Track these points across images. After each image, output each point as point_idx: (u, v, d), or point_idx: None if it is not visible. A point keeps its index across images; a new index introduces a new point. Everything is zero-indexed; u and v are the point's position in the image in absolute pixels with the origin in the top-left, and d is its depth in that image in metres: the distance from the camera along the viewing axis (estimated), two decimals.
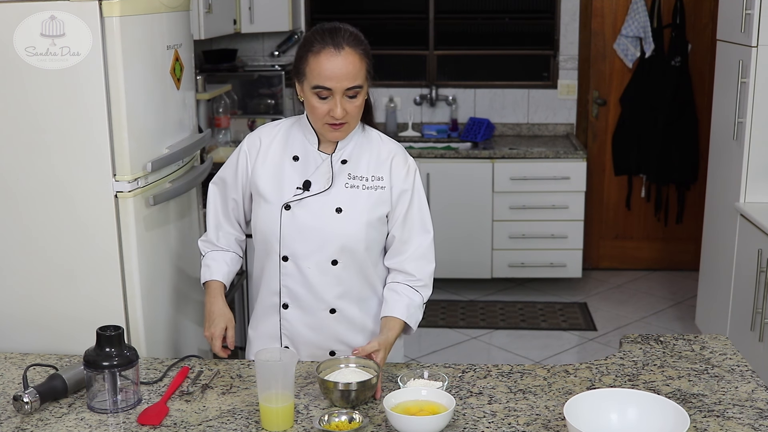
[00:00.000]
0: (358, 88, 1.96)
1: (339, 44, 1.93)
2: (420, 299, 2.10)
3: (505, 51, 5.45)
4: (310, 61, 1.95)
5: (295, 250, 2.05)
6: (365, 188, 2.05)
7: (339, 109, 1.94)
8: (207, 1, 3.92)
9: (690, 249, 5.33)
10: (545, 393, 1.88)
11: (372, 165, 2.07)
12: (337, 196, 2.04)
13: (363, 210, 2.04)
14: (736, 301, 3.75)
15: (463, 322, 4.69)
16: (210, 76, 4.68)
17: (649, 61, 5.17)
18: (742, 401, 1.82)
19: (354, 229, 2.03)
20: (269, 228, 2.06)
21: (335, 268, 2.05)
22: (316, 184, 2.04)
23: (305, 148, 2.08)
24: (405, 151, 2.14)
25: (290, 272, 2.07)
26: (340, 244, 2.04)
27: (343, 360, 1.90)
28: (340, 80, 1.93)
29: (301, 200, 2.03)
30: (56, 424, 1.75)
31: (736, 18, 3.72)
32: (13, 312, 2.25)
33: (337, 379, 1.81)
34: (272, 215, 2.05)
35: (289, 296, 2.09)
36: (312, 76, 1.95)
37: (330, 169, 2.05)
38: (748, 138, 3.68)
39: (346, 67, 1.93)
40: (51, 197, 2.18)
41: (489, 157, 4.89)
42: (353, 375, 1.85)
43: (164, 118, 2.44)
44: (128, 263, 2.24)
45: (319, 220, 2.03)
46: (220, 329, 2.07)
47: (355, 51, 1.95)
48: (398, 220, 2.08)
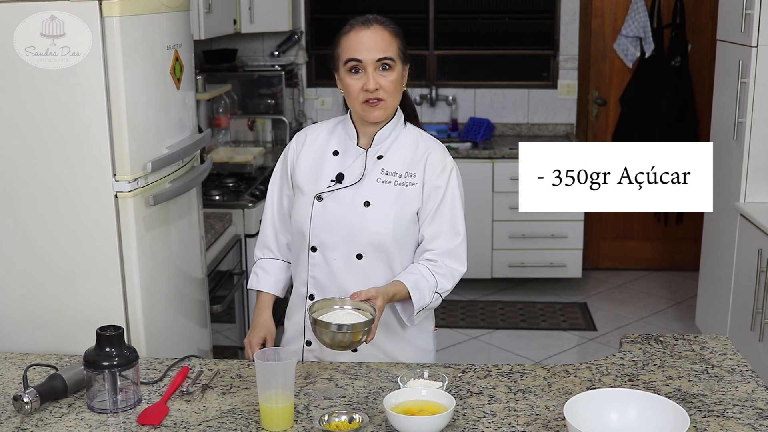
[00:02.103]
0: (389, 60, 2.00)
1: (368, 21, 2.02)
2: (434, 282, 2.04)
3: (505, 51, 5.45)
4: (342, 41, 2.03)
5: (323, 241, 2.07)
6: (397, 184, 2.05)
7: (372, 81, 1.97)
8: (207, 1, 3.91)
9: (690, 249, 5.33)
10: (545, 393, 1.88)
11: (407, 161, 2.07)
12: (367, 189, 2.05)
13: (391, 205, 2.04)
14: (736, 301, 3.75)
15: (463, 322, 4.69)
16: (210, 76, 4.68)
17: (649, 61, 5.17)
18: (742, 401, 1.82)
19: (381, 223, 2.03)
20: (302, 218, 2.09)
21: (360, 262, 2.05)
22: (348, 176, 2.07)
23: (345, 143, 2.12)
24: (445, 150, 2.13)
25: (318, 263, 2.08)
26: (366, 238, 2.04)
27: (338, 301, 1.91)
28: (369, 51, 1.98)
29: (332, 192, 2.06)
30: (56, 424, 1.75)
31: (736, 18, 3.72)
32: (13, 312, 2.25)
33: (330, 320, 1.81)
34: (306, 206, 2.08)
35: (315, 287, 2.10)
36: (344, 52, 2.01)
37: (364, 163, 2.07)
38: (748, 138, 3.68)
39: (375, 39, 1.99)
40: (51, 197, 2.18)
41: (489, 157, 4.89)
42: (348, 317, 1.84)
43: (164, 118, 2.44)
44: (128, 263, 2.24)
45: (347, 212, 2.04)
46: (258, 338, 2.13)
47: (384, 27, 2.02)
48: (428, 216, 2.07)
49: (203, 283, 2.84)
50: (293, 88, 5.26)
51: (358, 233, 2.04)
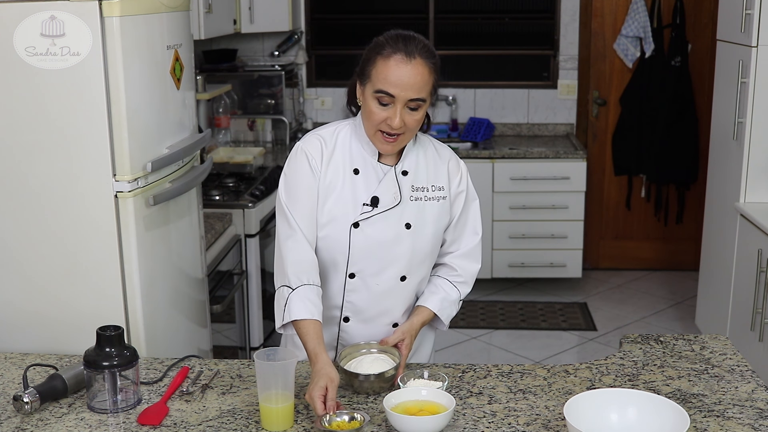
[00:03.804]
0: (421, 102, 1.87)
1: (411, 53, 1.84)
2: (457, 295, 2.08)
3: (505, 51, 5.45)
4: (378, 64, 1.86)
5: (363, 268, 1.98)
6: (428, 199, 2.01)
7: (397, 120, 1.85)
8: (207, 1, 3.91)
9: (690, 249, 5.33)
10: (545, 393, 1.88)
11: (431, 174, 2.02)
12: (406, 210, 1.98)
13: (430, 222, 2.01)
14: (736, 301, 3.75)
15: (463, 322, 4.69)
16: (210, 76, 4.68)
17: (649, 61, 5.17)
18: (742, 401, 1.82)
19: (423, 243, 2.00)
20: (336, 246, 1.97)
21: (404, 283, 2.02)
22: (383, 199, 1.96)
23: (365, 159, 1.98)
24: (457, 155, 2.10)
25: (356, 288, 2.01)
26: (409, 260, 2.00)
27: (364, 346, 1.92)
28: (405, 89, 1.84)
29: (369, 218, 1.96)
30: (56, 424, 1.75)
31: (736, 18, 3.72)
32: (13, 312, 2.25)
33: (357, 368, 1.85)
34: (340, 233, 1.96)
35: (352, 311, 2.04)
36: (377, 79, 1.86)
37: (396, 183, 1.97)
38: (748, 138, 3.68)
39: (414, 77, 1.84)
40: (51, 197, 2.18)
41: (489, 157, 4.89)
42: (374, 364, 1.88)
43: (164, 118, 2.44)
44: (128, 263, 2.24)
45: (389, 237, 1.97)
46: (320, 390, 1.74)
47: (426, 63, 1.86)
48: (452, 222, 2.06)
49: (203, 283, 2.84)
50: (293, 88, 5.26)
51: (401, 257, 1.99)
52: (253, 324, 3.78)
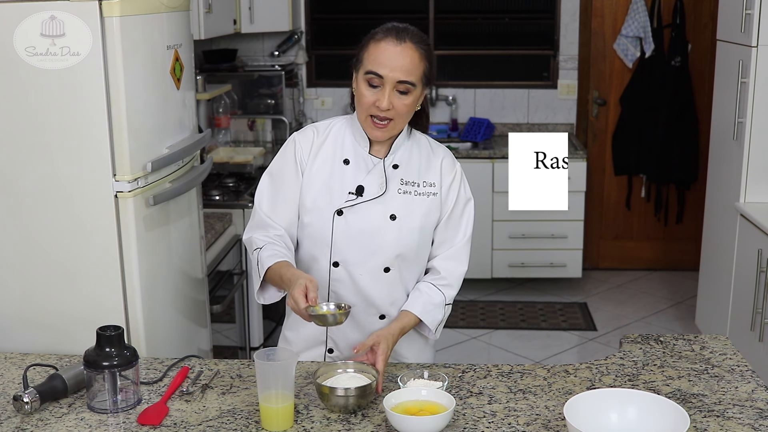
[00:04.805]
0: (410, 85, 1.91)
1: (402, 37, 1.92)
2: (441, 298, 2.06)
3: (505, 51, 5.45)
4: (370, 47, 1.94)
5: (346, 257, 2.00)
6: (417, 194, 2.02)
7: (386, 101, 1.90)
8: (207, 1, 3.92)
9: (690, 249, 5.33)
10: (545, 393, 1.88)
11: (423, 170, 2.04)
12: (391, 202, 2.00)
13: (416, 216, 2.01)
14: (736, 301, 3.75)
15: (463, 322, 4.69)
16: (210, 76, 4.68)
17: (649, 61, 5.17)
18: (742, 401, 1.82)
19: (408, 236, 2.01)
20: (319, 233, 2.00)
21: (388, 275, 2.03)
22: (369, 189, 1.99)
23: (356, 151, 2.03)
24: (452, 155, 2.11)
25: (341, 278, 2.02)
26: (393, 251, 2.00)
27: (341, 365, 1.88)
28: (394, 70, 1.89)
29: (354, 206, 1.99)
30: (56, 424, 1.75)
31: (736, 18, 3.72)
32: (13, 312, 2.25)
33: (335, 385, 1.79)
34: (323, 220, 2.00)
35: (337, 301, 2.03)
36: (368, 61, 1.92)
37: (383, 174, 2.01)
38: (748, 138, 3.68)
39: (403, 59, 1.90)
40: (51, 197, 2.19)
41: (489, 157, 4.89)
42: (351, 380, 1.82)
43: (164, 118, 2.45)
44: (128, 263, 2.25)
45: (373, 226, 1.99)
46: (300, 289, 1.79)
47: (416, 48, 1.92)
48: (441, 222, 2.06)
49: (203, 283, 2.84)
50: (293, 88, 5.26)
51: (385, 247, 2.00)
52: (253, 324, 3.78)
